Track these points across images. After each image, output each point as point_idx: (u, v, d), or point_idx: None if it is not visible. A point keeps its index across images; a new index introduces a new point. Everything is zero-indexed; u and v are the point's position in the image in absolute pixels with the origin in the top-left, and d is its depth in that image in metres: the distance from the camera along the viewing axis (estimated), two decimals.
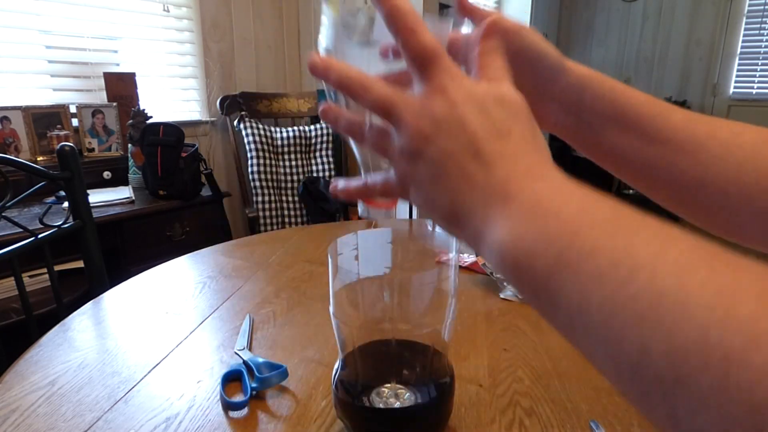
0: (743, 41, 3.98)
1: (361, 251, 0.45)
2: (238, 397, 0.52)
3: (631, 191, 4.32)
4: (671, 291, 0.17)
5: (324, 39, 0.31)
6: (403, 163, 0.27)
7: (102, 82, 1.88)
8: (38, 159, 1.70)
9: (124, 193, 1.70)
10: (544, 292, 0.21)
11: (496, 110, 0.25)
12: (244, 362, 0.57)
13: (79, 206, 0.94)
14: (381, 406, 0.45)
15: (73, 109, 1.81)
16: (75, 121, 1.82)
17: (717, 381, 0.15)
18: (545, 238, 0.21)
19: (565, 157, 4.51)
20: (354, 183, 0.31)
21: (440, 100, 0.25)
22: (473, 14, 0.35)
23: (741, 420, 0.14)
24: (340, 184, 0.31)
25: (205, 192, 1.83)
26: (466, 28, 0.35)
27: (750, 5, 3.91)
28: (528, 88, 0.32)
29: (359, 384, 0.46)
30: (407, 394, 0.45)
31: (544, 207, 0.22)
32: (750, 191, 0.33)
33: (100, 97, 1.90)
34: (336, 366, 0.47)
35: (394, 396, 0.45)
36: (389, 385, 0.46)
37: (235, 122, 2.19)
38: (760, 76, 3.96)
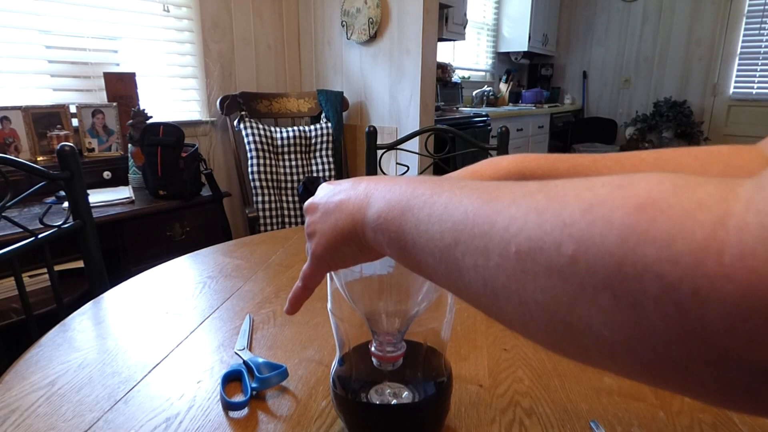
0: (743, 41, 3.98)
1: None
2: (238, 397, 0.52)
3: None
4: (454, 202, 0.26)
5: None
6: (311, 238, 0.37)
7: (102, 82, 1.88)
8: (38, 159, 1.70)
9: (124, 193, 1.70)
10: (399, 227, 0.29)
11: (336, 187, 0.37)
12: (244, 362, 0.57)
13: (79, 206, 0.94)
14: (378, 403, 0.45)
15: (73, 109, 1.81)
16: (75, 121, 1.82)
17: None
18: (395, 200, 0.30)
19: None
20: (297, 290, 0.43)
21: (309, 208, 0.38)
22: None
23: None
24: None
25: (205, 192, 1.83)
26: None
27: (750, 5, 3.92)
28: None
29: (357, 381, 0.46)
30: (405, 392, 0.45)
31: (393, 182, 0.31)
32: None
33: (100, 97, 1.90)
34: (334, 363, 0.47)
35: (392, 394, 0.45)
36: (387, 382, 0.46)
37: (235, 122, 2.19)
38: (760, 76, 3.97)
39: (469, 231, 0.23)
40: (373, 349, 0.43)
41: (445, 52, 3.75)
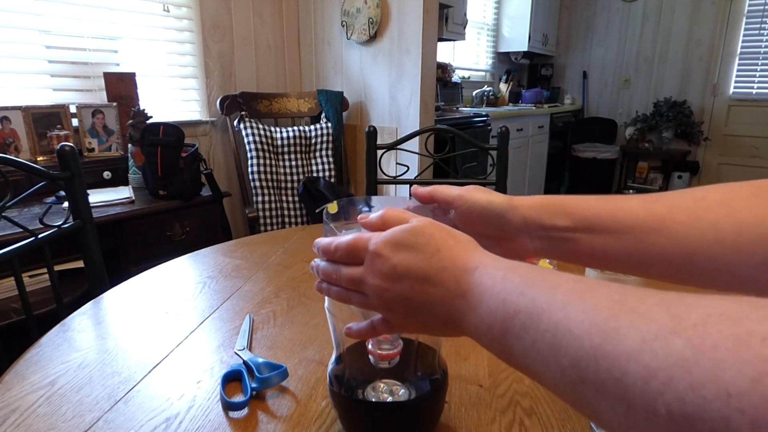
0: (743, 41, 3.98)
1: None
2: (238, 398, 0.52)
3: (631, 191, 4.31)
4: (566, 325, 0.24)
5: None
6: (383, 311, 0.35)
7: (102, 82, 1.88)
8: (38, 159, 1.70)
9: (124, 193, 1.70)
10: (503, 347, 0.28)
11: (416, 238, 0.33)
12: (244, 362, 0.57)
13: (79, 206, 0.94)
14: (374, 400, 0.45)
15: (73, 109, 1.81)
16: (75, 121, 1.82)
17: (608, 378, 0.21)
18: (491, 318, 0.29)
19: (565, 157, 4.51)
20: (363, 326, 0.38)
21: (378, 261, 0.33)
22: (431, 200, 0.44)
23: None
24: (354, 327, 0.39)
25: (205, 192, 1.83)
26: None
27: (750, 5, 3.91)
28: (492, 234, 0.42)
29: (354, 379, 0.46)
30: (402, 390, 0.46)
31: (486, 293, 0.29)
32: (738, 247, 0.32)
33: (100, 97, 1.90)
34: (331, 361, 0.47)
35: (388, 391, 0.46)
36: (384, 380, 0.47)
37: (235, 122, 2.19)
38: (760, 76, 3.97)
39: (593, 373, 0.22)
40: (369, 347, 0.43)
41: (445, 52, 3.75)
